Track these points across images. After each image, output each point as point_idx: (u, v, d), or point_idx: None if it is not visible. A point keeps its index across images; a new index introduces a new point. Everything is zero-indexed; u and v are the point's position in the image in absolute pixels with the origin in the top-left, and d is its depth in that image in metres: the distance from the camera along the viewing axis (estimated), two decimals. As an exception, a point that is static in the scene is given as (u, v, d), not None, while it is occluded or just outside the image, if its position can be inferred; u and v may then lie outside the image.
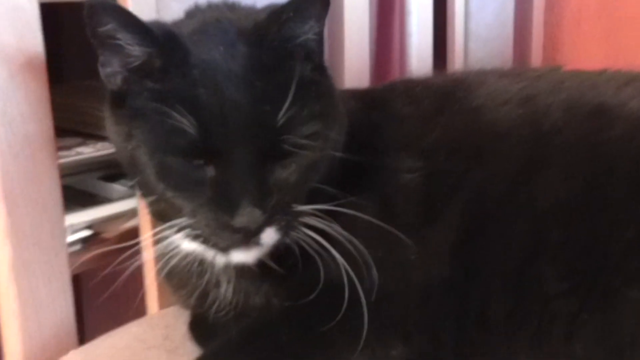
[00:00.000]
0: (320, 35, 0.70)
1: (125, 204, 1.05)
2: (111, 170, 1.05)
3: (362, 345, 0.69)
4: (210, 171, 0.65)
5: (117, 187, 1.07)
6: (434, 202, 0.75)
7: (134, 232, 0.91)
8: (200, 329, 0.81)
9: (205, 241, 0.67)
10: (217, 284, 0.75)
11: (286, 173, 0.67)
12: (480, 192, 0.75)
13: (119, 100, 0.68)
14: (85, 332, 1.31)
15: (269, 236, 0.66)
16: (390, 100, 0.82)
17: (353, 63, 1.14)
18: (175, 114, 0.63)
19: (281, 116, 0.64)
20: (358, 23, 1.14)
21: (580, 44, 1.58)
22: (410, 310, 0.72)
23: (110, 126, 0.71)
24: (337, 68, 1.12)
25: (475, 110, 0.79)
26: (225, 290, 0.75)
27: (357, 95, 0.84)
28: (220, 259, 0.71)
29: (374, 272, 0.69)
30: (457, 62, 1.34)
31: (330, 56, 1.12)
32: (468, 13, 1.36)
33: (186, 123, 0.63)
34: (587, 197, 0.73)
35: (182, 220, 0.67)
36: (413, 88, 0.83)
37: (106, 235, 1.02)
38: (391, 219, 0.71)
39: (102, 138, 1.07)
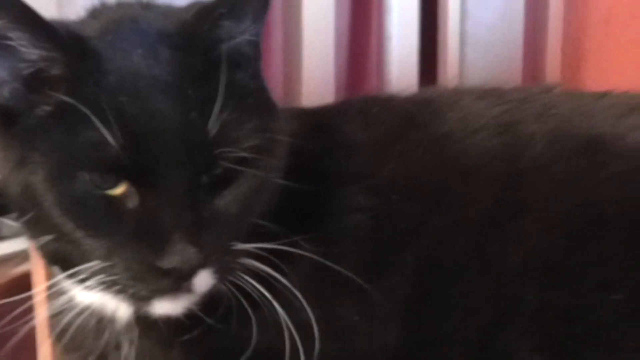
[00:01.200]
0: (257, 39, 0.75)
1: (15, 244, 1.07)
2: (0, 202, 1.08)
3: None
4: (132, 200, 0.68)
5: (7, 222, 1.10)
6: (384, 252, 0.79)
7: (25, 281, 0.95)
8: (95, 402, 0.85)
9: (122, 290, 0.68)
10: (118, 346, 0.78)
11: (225, 202, 0.70)
12: (440, 242, 0.79)
13: (8, 116, 0.71)
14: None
15: (203, 281, 0.69)
16: (340, 124, 0.86)
17: (313, 74, 1.19)
18: (93, 125, 0.65)
19: (212, 124, 0.68)
20: (321, 24, 1.20)
21: (609, 50, 1.62)
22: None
23: None
24: (293, 80, 1.17)
25: (441, 138, 0.83)
26: (127, 353, 0.78)
27: (302, 115, 0.88)
28: (123, 314, 0.76)
29: (316, 335, 0.73)
30: (450, 71, 1.39)
31: (285, 66, 1.17)
32: (464, 11, 1.41)
33: (107, 135, 0.65)
34: (571, 252, 0.77)
35: (91, 265, 0.68)
36: (369, 109, 0.88)
37: (-9, 280, 1.05)
38: (332, 271, 0.75)
39: None
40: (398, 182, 0.81)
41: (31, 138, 0.69)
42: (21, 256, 1.05)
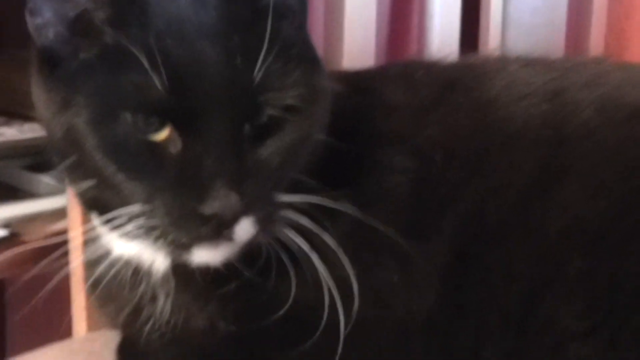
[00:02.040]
0: None
1: (53, 202, 1.09)
2: (39, 159, 1.08)
3: None
4: (174, 145, 0.68)
5: (45, 180, 1.11)
6: (424, 215, 0.78)
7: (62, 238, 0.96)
8: (128, 354, 0.85)
9: (161, 235, 0.68)
10: (153, 298, 0.79)
11: (268, 152, 0.70)
12: (481, 206, 0.78)
13: (52, 59, 0.71)
14: (6, 348, 1.37)
15: (245, 229, 0.68)
16: (382, 85, 0.86)
17: (354, 54, 1.18)
18: (139, 68, 0.65)
19: (257, 71, 0.68)
20: (362, 2, 1.19)
21: (652, 39, 1.61)
22: (387, 346, 0.76)
23: (39, 94, 0.73)
24: (334, 62, 1.16)
25: (485, 103, 0.83)
26: (163, 306, 0.78)
27: (344, 76, 0.89)
28: (160, 266, 0.76)
29: (355, 292, 0.73)
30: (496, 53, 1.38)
31: (325, 49, 1.17)
32: (508, -7, 1.40)
33: (154, 76, 0.65)
34: (616, 219, 0.76)
35: (130, 210, 0.68)
36: (412, 72, 0.88)
37: (26, 237, 1.05)
38: (372, 230, 0.75)
39: (30, 118, 1.08)
40: (439, 145, 0.81)
41: (75, 80, 0.69)
42: (57, 214, 1.06)
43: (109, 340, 0.90)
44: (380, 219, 0.76)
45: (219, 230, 0.67)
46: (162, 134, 0.68)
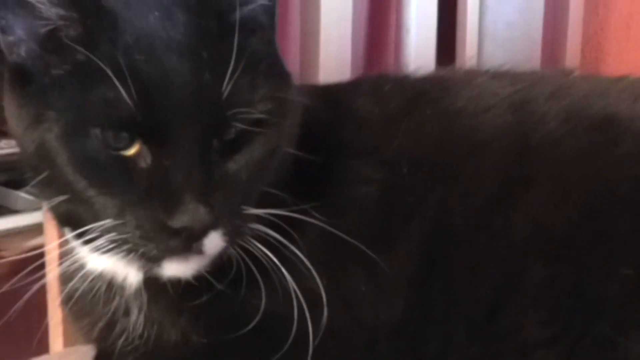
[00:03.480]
0: (273, 5, 0.77)
1: (31, 217, 1.10)
2: (16, 175, 1.09)
3: None
4: (144, 160, 0.69)
5: (22, 196, 1.12)
6: (391, 224, 0.80)
7: (40, 253, 0.97)
8: (102, 369, 0.86)
9: (133, 249, 0.69)
10: (127, 312, 0.80)
11: (237, 166, 0.72)
12: (447, 215, 0.80)
13: (23, 75, 0.72)
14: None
15: (214, 242, 0.70)
16: (352, 98, 0.88)
17: (330, 67, 1.21)
18: (108, 83, 0.66)
19: (225, 86, 0.69)
20: (338, 15, 1.21)
21: (628, 53, 1.63)
22: (355, 355, 0.77)
23: (11, 110, 0.74)
24: (310, 74, 1.19)
25: (453, 114, 0.85)
26: (136, 320, 0.79)
27: (314, 90, 0.90)
28: (132, 280, 0.77)
29: (324, 301, 0.74)
30: (467, 67, 1.40)
31: (301, 59, 1.19)
32: (483, 6, 1.42)
33: (122, 91, 0.66)
34: (580, 227, 0.78)
35: (102, 224, 0.70)
36: (382, 86, 0.89)
37: (5, 253, 1.06)
38: (340, 240, 0.77)
39: (6, 134, 1.11)
40: (407, 155, 0.82)
41: (46, 96, 0.71)
42: (35, 229, 1.07)
43: (84, 356, 0.90)
44: (348, 230, 0.77)
45: (189, 243, 0.68)
46: (132, 150, 0.69)
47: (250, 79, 0.72)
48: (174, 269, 0.71)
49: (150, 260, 0.70)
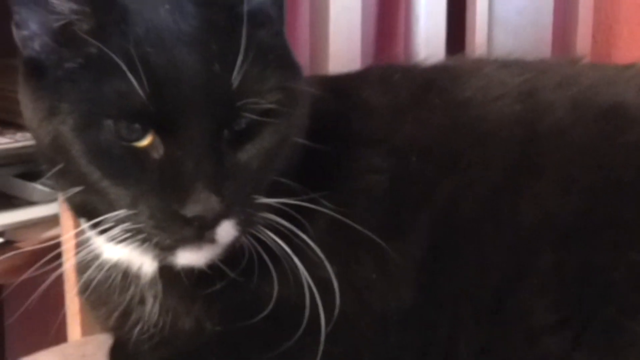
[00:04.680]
0: (280, 1, 0.79)
1: (47, 209, 1.11)
2: (32, 167, 1.11)
3: None
4: (157, 151, 0.71)
5: (38, 188, 1.14)
6: (400, 212, 0.81)
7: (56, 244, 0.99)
8: (119, 357, 0.88)
9: (146, 239, 0.70)
10: (142, 301, 0.82)
11: (247, 156, 0.73)
12: (455, 203, 0.81)
13: (38, 69, 0.74)
14: (5, 352, 1.39)
15: (226, 231, 0.71)
16: (360, 88, 0.89)
17: (339, 56, 1.21)
18: (121, 75, 0.68)
19: (235, 76, 0.71)
20: (348, 3, 1.22)
21: (640, 38, 1.63)
22: (366, 341, 0.79)
23: (26, 103, 0.76)
24: (319, 63, 1.19)
25: (460, 104, 0.86)
26: (151, 308, 0.82)
27: (323, 80, 0.92)
28: (147, 269, 0.79)
29: (335, 289, 0.76)
30: (477, 54, 1.40)
31: (311, 49, 1.20)
32: (494, -7, 1.42)
33: (135, 83, 0.68)
34: (587, 214, 0.79)
35: (116, 214, 0.71)
36: (391, 75, 0.91)
37: (22, 244, 1.08)
38: (350, 229, 0.78)
39: (23, 127, 1.12)
40: (416, 144, 0.84)
41: (60, 89, 0.72)
42: (51, 221, 1.09)
43: (102, 344, 0.93)
44: (358, 218, 0.79)
45: (201, 232, 0.70)
46: (145, 141, 0.71)
47: (260, 69, 0.73)
48: (188, 257, 0.73)
49: (164, 249, 0.72)
